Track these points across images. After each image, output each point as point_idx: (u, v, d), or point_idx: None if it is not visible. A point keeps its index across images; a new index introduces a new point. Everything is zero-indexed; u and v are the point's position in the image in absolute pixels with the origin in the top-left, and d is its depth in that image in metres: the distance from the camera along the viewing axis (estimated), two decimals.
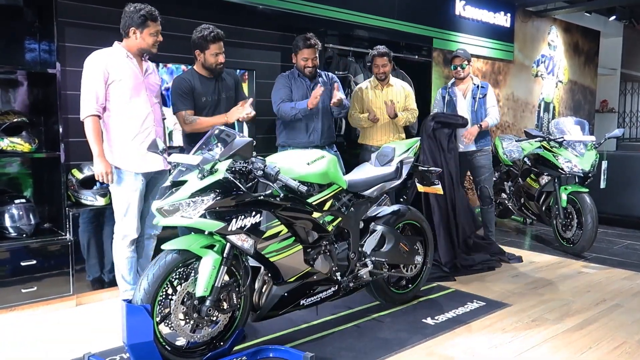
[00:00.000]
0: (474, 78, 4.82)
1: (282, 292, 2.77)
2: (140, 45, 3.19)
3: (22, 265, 3.33)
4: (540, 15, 8.25)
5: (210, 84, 3.65)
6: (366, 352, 2.85)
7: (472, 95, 4.74)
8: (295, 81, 4.08)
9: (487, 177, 4.83)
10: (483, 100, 4.75)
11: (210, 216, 2.43)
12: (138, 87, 3.18)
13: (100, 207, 3.66)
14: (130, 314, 2.35)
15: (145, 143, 3.16)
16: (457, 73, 4.73)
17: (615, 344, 2.98)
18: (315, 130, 4.05)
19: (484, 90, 4.77)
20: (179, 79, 3.62)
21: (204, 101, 3.61)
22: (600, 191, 5.46)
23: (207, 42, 3.51)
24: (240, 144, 2.41)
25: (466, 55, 4.72)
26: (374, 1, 5.61)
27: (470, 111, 4.72)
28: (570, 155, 4.82)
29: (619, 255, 4.97)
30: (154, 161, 3.23)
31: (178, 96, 3.56)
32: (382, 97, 4.52)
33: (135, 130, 3.19)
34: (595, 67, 9.84)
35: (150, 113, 3.24)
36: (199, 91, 3.59)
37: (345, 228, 3.11)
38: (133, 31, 3.16)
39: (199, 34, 3.53)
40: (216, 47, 3.53)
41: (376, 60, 4.50)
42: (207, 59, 3.56)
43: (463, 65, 4.69)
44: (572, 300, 3.69)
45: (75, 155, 3.85)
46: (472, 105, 4.73)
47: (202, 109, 3.61)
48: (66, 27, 3.76)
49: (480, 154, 4.79)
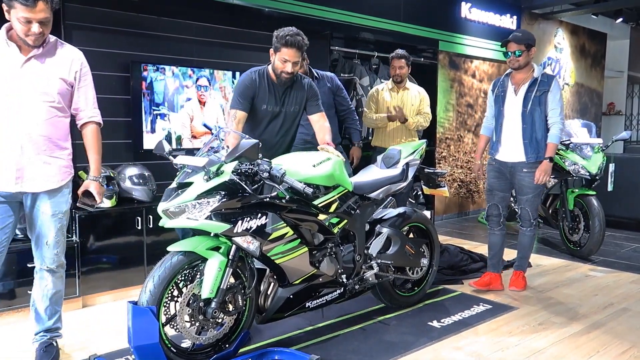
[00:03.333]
0: (536, 69, 3.74)
1: (288, 294, 2.77)
2: (15, 29, 2.43)
3: (29, 267, 3.33)
4: (546, 18, 8.23)
5: (277, 92, 3.25)
6: (372, 355, 2.84)
7: (527, 90, 3.69)
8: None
9: (530, 198, 3.76)
10: (541, 99, 3.65)
11: (216, 218, 2.43)
12: (11, 81, 2.46)
13: (106, 209, 3.67)
14: (135, 316, 2.35)
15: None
16: (510, 62, 3.71)
17: (623, 348, 2.95)
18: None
19: (545, 85, 3.66)
20: (247, 77, 3.23)
21: (263, 109, 3.24)
22: (607, 194, 5.43)
23: (280, 44, 3.07)
24: (246, 146, 2.41)
25: (525, 39, 3.65)
26: (380, 4, 5.62)
27: (522, 113, 3.69)
28: (577, 158, 4.80)
29: (626, 258, 4.93)
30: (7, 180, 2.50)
31: (237, 95, 3.20)
32: (397, 99, 4.55)
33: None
34: (602, 69, 9.80)
35: (18, 117, 2.47)
36: (261, 97, 3.21)
37: (351, 230, 3.11)
38: (7, 10, 2.40)
39: (279, 33, 3.09)
40: (287, 53, 3.06)
41: (394, 62, 4.51)
42: (275, 61, 3.14)
43: (518, 52, 3.65)
44: (579, 304, 3.67)
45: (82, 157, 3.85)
46: (524, 106, 3.69)
47: (262, 117, 3.26)
48: (73, 30, 3.78)
49: (527, 171, 3.70)
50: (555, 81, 3.70)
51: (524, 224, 3.87)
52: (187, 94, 4.19)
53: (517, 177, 3.75)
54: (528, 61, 3.69)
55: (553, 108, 3.65)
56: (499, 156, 3.82)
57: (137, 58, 4.04)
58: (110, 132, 4.01)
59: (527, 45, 3.64)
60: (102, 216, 3.65)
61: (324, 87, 4.03)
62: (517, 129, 3.71)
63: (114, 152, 4.04)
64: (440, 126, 6.59)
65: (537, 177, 3.63)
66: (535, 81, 3.68)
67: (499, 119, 3.81)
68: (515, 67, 3.71)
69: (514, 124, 3.73)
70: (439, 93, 6.16)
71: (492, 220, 3.93)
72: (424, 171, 3.64)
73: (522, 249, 3.95)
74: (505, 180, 3.83)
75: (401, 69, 4.49)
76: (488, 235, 4.00)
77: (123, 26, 4.04)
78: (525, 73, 3.72)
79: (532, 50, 3.68)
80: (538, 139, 3.67)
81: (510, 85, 3.77)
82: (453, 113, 6.87)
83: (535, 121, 3.66)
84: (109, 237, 3.67)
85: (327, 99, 3.99)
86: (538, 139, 3.67)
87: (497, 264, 3.94)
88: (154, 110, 4.04)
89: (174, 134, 4.15)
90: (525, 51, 3.65)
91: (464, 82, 6.94)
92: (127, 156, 4.08)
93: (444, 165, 6.69)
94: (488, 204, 3.95)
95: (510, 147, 3.76)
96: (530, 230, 3.87)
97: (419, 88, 4.72)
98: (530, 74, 3.72)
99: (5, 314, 3.27)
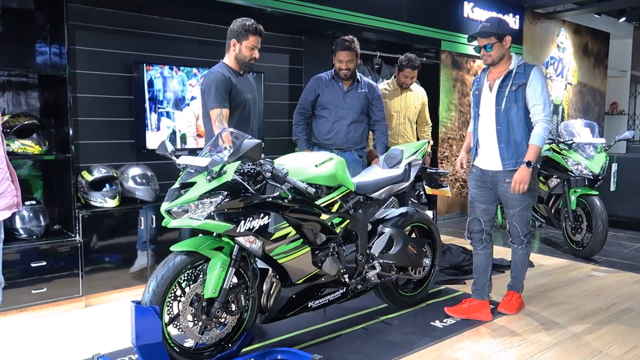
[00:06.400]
0: (514, 59, 3.21)
1: (290, 294, 2.78)
2: None
3: (32, 267, 3.35)
4: (549, 17, 8.22)
5: (245, 80, 3.43)
6: (374, 354, 2.84)
7: (500, 86, 3.19)
8: (328, 83, 4.02)
9: (517, 212, 3.30)
10: (518, 95, 3.14)
11: (218, 218, 2.44)
12: None
13: (109, 209, 3.68)
14: (139, 315, 2.36)
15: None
16: (483, 58, 3.24)
17: (626, 349, 2.95)
18: (339, 132, 3.99)
19: (521, 77, 3.14)
20: (219, 74, 3.28)
21: (242, 99, 3.36)
22: (610, 194, 5.42)
23: (247, 33, 3.30)
24: (249, 146, 2.41)
25: (494, 31, 3.13)
26: (382, 3, 5.62)
27: (495, 113, 3.21)
28: (579, 157, 4.79)
29: (629, 258, 4.92)
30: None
31: (218, 91, 3.23)
32: (399, 101, 4.56)
33: None
34: (605, 69, 9.78)
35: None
36: (238, 87, 3.33)
37: (353, 230, 3.11)
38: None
39: (240, 23, 3.32)
40: (254, 41, 3.33)
41: (407, 72, 4.47)
42: (242, 50, 3.31)
43: (488, 46, 3.16)
44: (582, 304, 3.66)
45: (85, 158, 3.88)
46: (498, 104, 3.20)
47: (237, 106, 3.34)
48: (76, 31, 3.79)
49: (510, 181, 3.19)
50: (535, 71, 3.14)
51: (514, 241, 3.41)
52: (192, 92, 4.20)
53: (500, 188, 3.27)
54: (503, 53, 3.17)
55: (535, 104, 3.11)
56: (479, 163, 3.35)
57: (140, 58, 4.05)
58: (113, 132, 4.04)
59: (498, 36, 3.13)
60: (105, 216, 3.66)
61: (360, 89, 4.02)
62: (493, 132, 3.23)
63: (117, 152, 4.05)
64: (442, 126, 6.58)
65: (513, 187, 3.12)
66: (509, 74, 3.16)
67: (476, 121, 3.35)
68: (489, 63, 3.22)
69: (489, 125, 3.24)
70: (442, 93, 6.15)
71: (474, 238, 3.42)
72: (426, 171, 3.64)
73: (515, 268, 3.48)
74: (487, 191, 3.35)
75: (413, 78, 4.53)
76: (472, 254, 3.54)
77: (126, 26, 4.05)
78: (502, 66, 3.21)
79: (506, 40, 3.16)
80: (517, 141, 3.16)
81: (485, 81, 3.28)
82: (455, 113, 6.87)
83: (512, 121, 3.15)
84: (111, 237, 3.68)
85: (361, 104, 4.00)
86: (517, 142, 3.16)
87: (481, 290, 3.40)
88: (159, 108, 4.05)
89: (178, 132, 4.16)
90: (497, 43, 3.13)
91: (467, 81, 6.93)
92: (130, 156, 4.09)
93: (446, 165, 6.69)
94: (469, 218, 3.46)
95: (487, 152, 3.28)
96: (522, 247, 3.40)
97: (420, 88, 4.73)
98: (507, 67, 3.21)
99: (9, 313, 3.29)
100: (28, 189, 3.78)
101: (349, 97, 3.98)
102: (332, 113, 3.97)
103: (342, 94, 3.98)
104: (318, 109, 4.03)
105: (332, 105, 3.97)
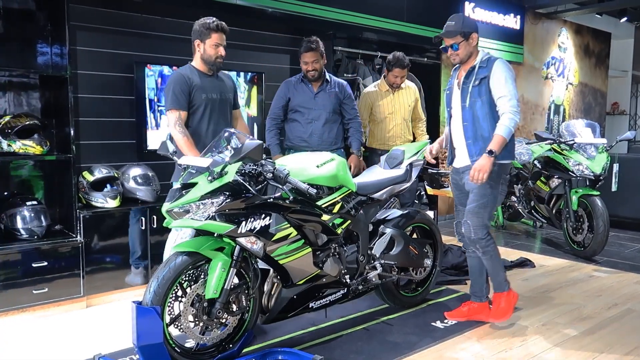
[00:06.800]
0: (479, 55, 3.13)
1: (291, 294, 2.78)
2: None
3: (33, 267, 3.36)
4: (550, 17, 8.21)
5: (210, 80, 3.35)
6: (375, 355, 2.84)
7: (463, 82, 3.13)
8: (298, 86, 4.01)
9: (472, 208, 3.10)
10: (481, 89, 3.05)
11: (219, 218, 2.44)
12: None
13: (110, 209, 3.68)
14: (140, 316, 2.36)
15: None
16: (451, 58, 3.17)
17: (628, 349, 2.95)
18: (313, 134, 3.97)
19: (484, 71, 3.06)
20: (177, 74, 3.27)
21: (204, 98, 3.29)
22: (611, 194, 5.42)
23: (210, 31, 3.24)
24: (251, 147, 2.41)
25: (458, 30, 3.06)
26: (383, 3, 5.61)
27: (461, 110, 3.14)
28: (581, 158, 4.79)
29: (630, 259, 4.92)
30: None
31: (175, 93, 3.20)
32: (392, 102, 4.50)
33: None
34: (606, 69, 9.77)
35: None
36: (200, 86, 3.26)
37: (354, 231, 3.11)
38: None
39: (201, 22, 3.28)
40: (218, 38, 3.26)
41: (396, 71, 4.37)
42: (206, 49, 3.27)
43: (454, 45, 3.09)
44: (583, 305, 3.66)
45: (86, 158, 3.88)
46: (463, 100, 3.13)
47: (199, 106, 3.29)
48: (77, 31, 3.79)
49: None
50: (498, 63, 3.03)
51: (465, 245, 3.26)
52: None
53: (465, 183, 3.17)
54: (471, 50, 3.09)
55: (500, 96, 2.99)
56: (455, 164, 3.29)
57: (141, 58, 4.05)
58: (114, 132, 4.04)
59: (463, 35, 3.05)
60: (106, 216, 3.66)
61: (331, 89, 4.03)
62: (461, 129, 3.16)
63: (118, 152, 4.05)
64: (443, 126, 6.57)
65: (472, 175, 2.95)
66: (473, 70, 3.09)
67: (449, 121, 3.31)
68: (457, 62, 3.16)
69: (458, 123, 3.18)
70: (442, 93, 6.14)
71: (464, 242, 3.31)
72: (428, 171, 3.63)
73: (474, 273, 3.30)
74: (463, 191, 3.26)
75: (403, 78, 4.42)
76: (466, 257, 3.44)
77: (127, 27, 4.05)
78: (471, 64, 3.12)
79: (472, 37, 3.08)
80: (484, 136, 3.06)
81: (455, 80, 3.24)
82: None
83: (478, 116, 3.07)
84: (113, 237, 3.68)
85: (332, 104, 4.00)
86: (485, 137, 3.06)
87: (479, 292, 3.31)
88: (160, 108, 4.05)
89: None
90: (463, 41, 3.06)
91: None
92: (131, 156, 4.09)
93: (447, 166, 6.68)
94: (455, 222, 3.40)
95: (459, 151, 3.22)
96: (474, 251, 3.19)
97: (410, 83, 4.63)
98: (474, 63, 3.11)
99: (10, 313, 3.29)
100: (29, 189, 3.79)
101: (319, 97, 3.97)
102: (305, 115, 3.97)
103: (312, 95, 3.96)
104: (290, 112, 4.01)
105: (304, 107, 3.97)
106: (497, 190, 3.13)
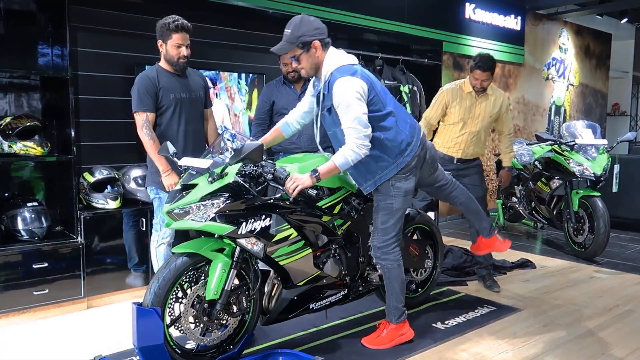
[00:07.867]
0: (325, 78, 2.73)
1: (292, 295, 2.77)
2: None
3: (34, 268, 3.36)
4: (551, 18, 8.21)
5: (178, 80, 3.31)
6: (376, 356, 2.84)
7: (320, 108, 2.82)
8: (281, 89, 3.88)
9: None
10: (334, 119, 2.73)
11: (220, 220, 2.44)
12: None
13: (111, 210, 3.68)
14: (140, 317, 2.36)
15: None
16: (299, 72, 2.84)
17: (629, 350, 2.94)
18: (302, 134, 3.70)
19: (328, 100, 2.72)
20: (142, 76, 3.24)
21: (172, 98, 3.26)
22: (612, 195, 5.41)
23: (170, 32, 3.19)
24: (251, 148, 2.42)
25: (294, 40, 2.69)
26: (384, 5, 5.61)
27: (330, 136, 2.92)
28: (581, 158, 4.78)
29: (631, 260, 4.91)
30: None
31: (140, 94, 3.18)
32: (471, 107, 3.92)
33: None
34: (607, 70, 9.77)
35: None
36: (166, 87, 3.24)
37: (355, 232, 3.11)
38: None
39: (161, 23, 3.22)
40: (179, 38, 3.20)
41: (475, 73, 3.81)
42: (168, 50, 3.23)
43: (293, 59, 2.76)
44: (584, 306, 3.66)
45: (87, 159, 3.88)
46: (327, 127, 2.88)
47: (168, 106, 3.26)
48: (78, 32, 3.80)
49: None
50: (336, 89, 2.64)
51: None
52: None
53: None
54: (316, 61, 2.71)
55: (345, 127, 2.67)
56: None
57: (142, 59, 4.05)
58: (115, 133, 4.03)
59: (302, 45, 2.66)
60: (107, 217, 3.66)
61: None
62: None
63: (119, 153, 4.05)
64: None
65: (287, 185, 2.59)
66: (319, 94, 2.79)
67: None
68: (305, 77, 2.88)
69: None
70: None
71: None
72: None
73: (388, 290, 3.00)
74: None
75: (485, 82, 3.83)
76: None
77: (127, 28, 4.05)
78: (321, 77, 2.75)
79: (314, 46, 2.66)
80: (362, 161, 2.74)
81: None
82: None
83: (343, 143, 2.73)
84: (113, 238, 3.69)
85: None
86: (362, 161, 2.76)
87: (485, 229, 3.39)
88: None
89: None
90: (303, 53, 2.68)
91: None
92: (131, 158, 4.09)
93: None
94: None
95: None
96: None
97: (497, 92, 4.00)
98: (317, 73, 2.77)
99: (11, 314, 3.29)
100: (30, 190, 3.79)
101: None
102: None
103: (296, 96, 3.85)
104: (276, 116, 3.86)
105: (289, 109, 3.88)
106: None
